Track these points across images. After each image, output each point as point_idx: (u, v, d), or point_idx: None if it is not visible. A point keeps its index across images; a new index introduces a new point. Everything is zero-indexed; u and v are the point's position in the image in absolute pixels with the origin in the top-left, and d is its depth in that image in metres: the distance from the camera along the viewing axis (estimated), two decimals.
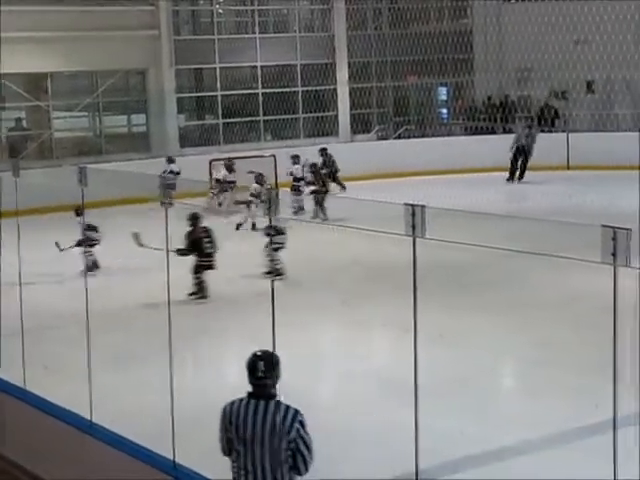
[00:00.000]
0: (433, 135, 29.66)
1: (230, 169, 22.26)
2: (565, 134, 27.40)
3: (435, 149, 27.28)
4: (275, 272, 13.04)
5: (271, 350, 5.81)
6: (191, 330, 11.09)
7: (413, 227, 5.72)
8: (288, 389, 5.71)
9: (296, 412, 5.46)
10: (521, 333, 11.43)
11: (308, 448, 5.48)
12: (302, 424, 5.45)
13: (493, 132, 29.52)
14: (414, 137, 29.53)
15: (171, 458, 6.96)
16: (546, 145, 26.80)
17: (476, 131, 29.72)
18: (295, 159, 22.62)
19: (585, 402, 8.66)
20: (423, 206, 5.71)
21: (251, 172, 20.12)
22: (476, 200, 20.40)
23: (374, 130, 30.42)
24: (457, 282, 14.10)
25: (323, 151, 23.92)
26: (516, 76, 29.85)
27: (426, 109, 31.49)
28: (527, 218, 18.99)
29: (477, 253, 15.20)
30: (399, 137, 29.92)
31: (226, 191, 21.75)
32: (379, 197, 8.37)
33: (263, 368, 5.50)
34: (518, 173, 26.18)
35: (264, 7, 29.35)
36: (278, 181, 23.29)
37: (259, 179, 19.43)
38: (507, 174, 26.01)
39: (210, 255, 13.84)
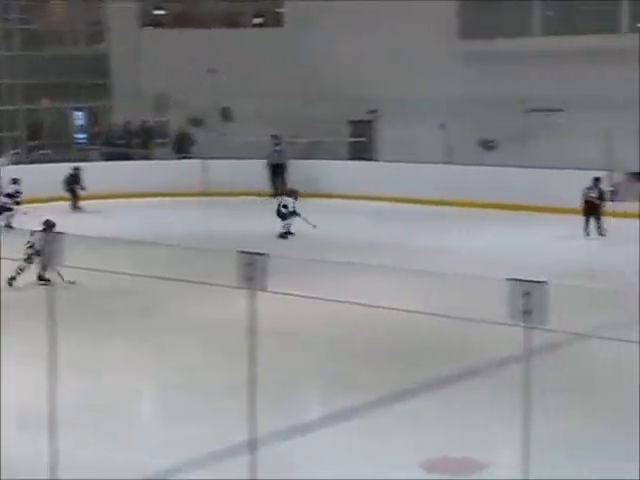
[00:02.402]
0: (70, 160, 29.06)
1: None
2: (201, 160, 27.92)
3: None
4: None
5: None
6: None
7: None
8: None
9: None
10: (161, 358, 11.44)
11: None
12: None
13: (130, 158, 29.50)
14: (50, 162, 28.77)
15: None
16: (181, 171, 27.28)
17: (114, 157, 29.52)
18: None
19: (224, 424, 8.81)
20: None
21: None
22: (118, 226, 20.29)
23: (9, 154, 29.39)
24: (97, 309, 13.90)
25: None
26: (154, 102, 30.00)
27: (62, 133, 30.94)
28: (164, 244, 19.12)
29: (115, 279, 15.12)
30: (33, 162, 29.05)
31: None
32: None
33: None
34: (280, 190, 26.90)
35: None
36: None
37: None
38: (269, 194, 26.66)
39: None
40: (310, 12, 29.81)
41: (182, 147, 30.25)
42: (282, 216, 21.36)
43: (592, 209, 21.59)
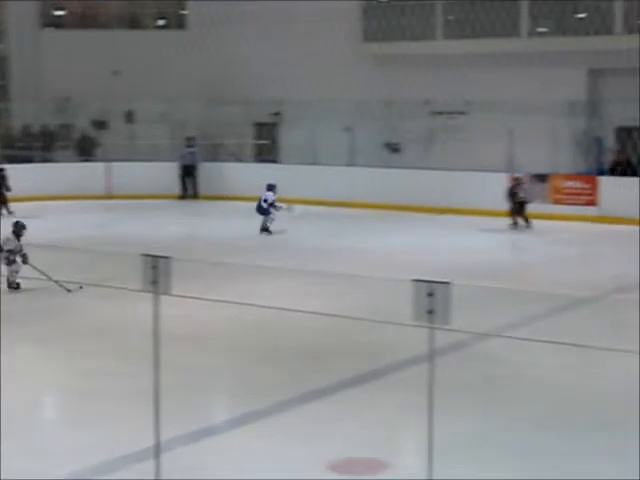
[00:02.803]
0: None
1: None
2: (104, 163, 27.64)
3: None
4: None
5: None
6: None
7: None
8: None
9: None
10: (66, 363, 11.27)
11: None
12: None
13: (31, 161, 29.02)
14: None
15: None
16: (85, 174, 26.99)
17: (14, 159, 28.98)
18: None
19: (128, 430, 8.72)
20: None
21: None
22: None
23: None
24: (4, 313, 13.57)
25: None
26: (55, 105, 29.56)
27: None
28: (67, 248, 18.88)
29: (22, 283, 14.88)
30: None
31: None
32: None
33: None
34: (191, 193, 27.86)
35: None
36: None
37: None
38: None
39: None
40: (214, 15, 29.72)
41: (85, 150, 29.88)
42: (262, 211, 21.46)
43: (520, 208, 22.20)
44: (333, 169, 26.76)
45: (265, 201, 21.48)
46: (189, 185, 28.08)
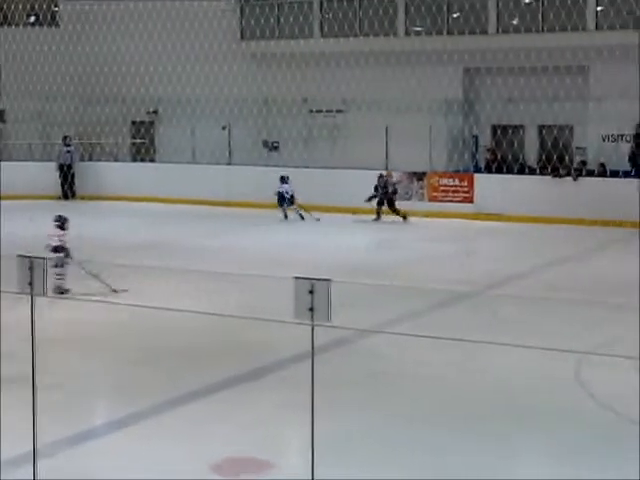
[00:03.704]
0: None
1: None
2: None
3: None
4: None
5: None
6: None
7: None
8: None
9: None
10: None
11: None
12: None
13: None
14: None
15: None
16: None
17: None
18: None
19: (7, 436, 8.47)
20: None
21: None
22: None
23: None
24: None
25: None
26: None
27: None
28: None
29: None
30: None
31: None
32: None
33: None
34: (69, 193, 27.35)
35: None
36: None
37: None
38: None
39: None
40: (87, 11, 29.23)
41: None
42: (285, 202, 23.24)
43: (390, 204, 22.70)
44: (209, 167, 26.62)
45: (287, 192, 23.28)
46: (67, 184, 27.61)
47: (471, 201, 23.83)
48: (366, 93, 25.42)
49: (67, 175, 27.61)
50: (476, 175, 24.36)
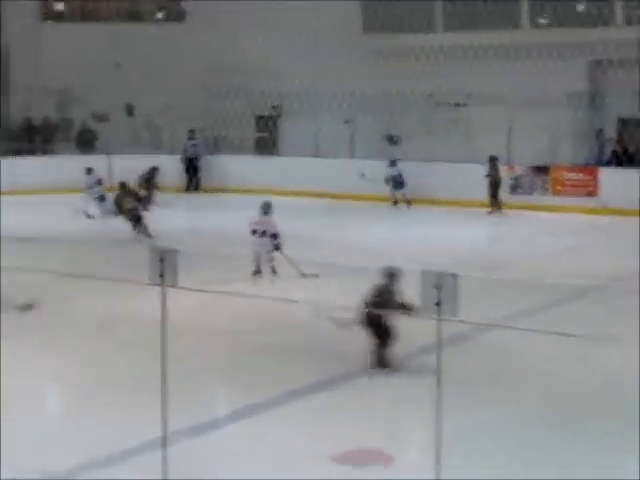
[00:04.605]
0: None
1: None
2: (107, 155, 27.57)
3: None
4: None
5: None
6: None
7: None
8: None
9: None
10: (67, 355, 11.25)
11: None
12: None
13: (33, 153, 29.09)
14: None
15: None
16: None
17: (16, 152, 29.01)
18: None
19: (136, 421, 8.70)
20: None
21: None
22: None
23: None
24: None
25: None
26: (56, 98, 29.56)
27: None
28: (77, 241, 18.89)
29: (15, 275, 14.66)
30: None
31: None
32: None
33: None
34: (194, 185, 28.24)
35: None
36: None
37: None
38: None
39: None
40: (212, 7, 29.58)
41: (86, 142, 29.89)
42: (399, 185, 24.41)
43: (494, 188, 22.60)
44: (331, 161, 26.82)
45: (399, 175, 24.38)
46: (192, 177, 28.19)
47: (595, 195, 23.45)
48: (489, 87, 25.19)
49: (190, 168, 28.15)
50: (601, 169, 23.96)
